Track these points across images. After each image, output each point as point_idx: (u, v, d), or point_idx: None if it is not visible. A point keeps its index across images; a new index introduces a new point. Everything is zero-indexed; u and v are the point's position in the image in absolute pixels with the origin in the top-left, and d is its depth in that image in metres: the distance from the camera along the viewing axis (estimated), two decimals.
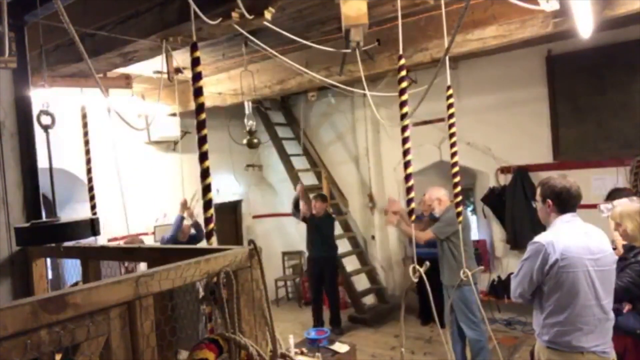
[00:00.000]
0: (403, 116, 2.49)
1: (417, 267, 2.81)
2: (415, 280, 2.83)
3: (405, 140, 2.57)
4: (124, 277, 1.30)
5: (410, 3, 3.29)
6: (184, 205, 5.51)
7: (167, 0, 3.11)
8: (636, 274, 2.90)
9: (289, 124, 8.03)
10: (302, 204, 6.42)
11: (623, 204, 3.16)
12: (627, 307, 3.00)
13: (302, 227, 6.75)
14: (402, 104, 2.49)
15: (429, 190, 4.77)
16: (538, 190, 2.67)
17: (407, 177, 2.59)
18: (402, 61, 2.48)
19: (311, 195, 6.68)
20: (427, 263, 2.88)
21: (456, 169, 2.84)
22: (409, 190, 2.60)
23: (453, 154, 2.84)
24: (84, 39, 3.41)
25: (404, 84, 2.49)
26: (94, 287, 1.23)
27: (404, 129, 2.55)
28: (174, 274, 1.39)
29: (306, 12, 3.49)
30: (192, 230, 5.65)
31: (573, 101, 5.70)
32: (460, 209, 2.94)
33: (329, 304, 6.62)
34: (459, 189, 2.86)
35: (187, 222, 5.61)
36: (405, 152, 2.57)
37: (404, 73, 2.49)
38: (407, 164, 2.57)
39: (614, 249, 2.82)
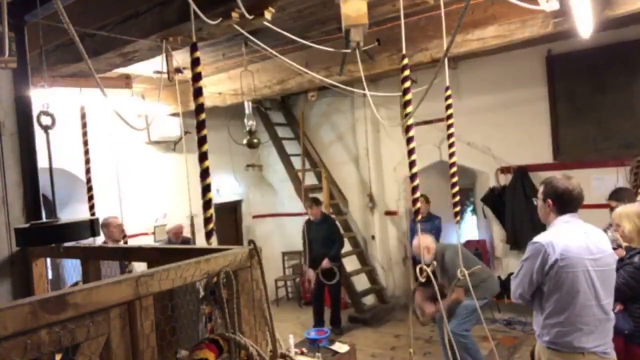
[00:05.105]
0: (406, 115, 2.48)
1: (425, 267, 2.80)
2: (423, 280, 2.82)
3: (409, 140, 2.55)
4: (124, 277, 1.30)
5: (410, 3, 3.28)
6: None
7: (167, 0, 3.11)
8: (629, 275, 2.90)
9: (289, 124, 8.03)
10: None
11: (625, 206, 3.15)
12: (617, 308, 3.00)
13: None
14: (406, 104, 2.48)
15: (415, 239, 4.51)
16: (540, 189, 2.64)
17: (413, 177, 2.58)
18: (405, 60, 2.47)
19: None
20: (434, 263, 2.88)
21: (454, 169, 2.84)
22: (414, 189, 2.59)
23: (451, 154, 2.84)
24: (84, 39, 3.41)
25: (407, 84, 2.48)
26: (94, 287, 1.23)
27: (408, 128, 2.54)
28: (174, 274, 1.39)
29: (306, 12, 3.48)
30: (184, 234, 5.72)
31: (573, 101, 5.70)
32: (457, 208, 2.94)
33: (329, 303, 6.61)
34: (457, 188, 2.86)
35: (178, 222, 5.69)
36: (410, 152, 2.55)
37: (407, 73, 2.48)
38: (412, 164, 2.56)
39: (615, 249, 2.81)
